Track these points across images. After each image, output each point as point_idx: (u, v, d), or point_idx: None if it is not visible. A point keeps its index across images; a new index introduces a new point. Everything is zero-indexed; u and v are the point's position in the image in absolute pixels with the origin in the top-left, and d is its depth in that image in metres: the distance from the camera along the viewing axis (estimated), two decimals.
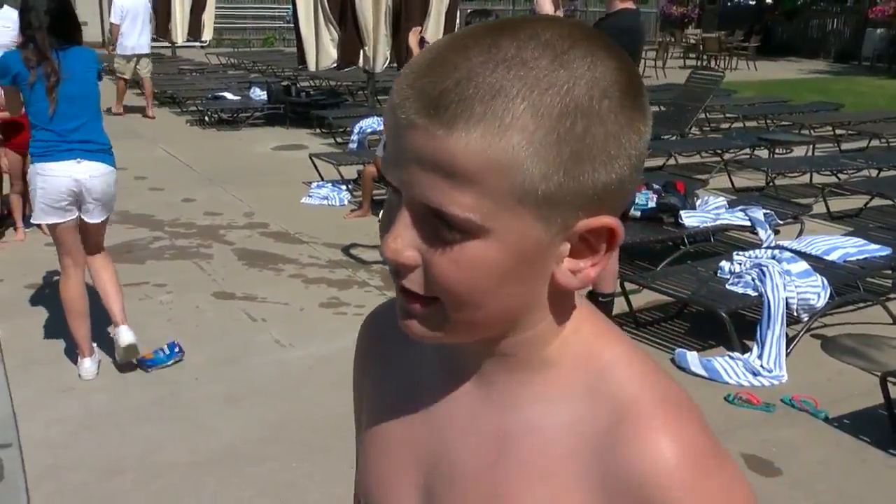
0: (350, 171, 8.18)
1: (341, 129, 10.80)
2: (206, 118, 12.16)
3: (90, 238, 4.09)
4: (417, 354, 0.84)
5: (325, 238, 6.57)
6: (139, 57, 12.52)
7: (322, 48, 10.98)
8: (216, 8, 21.08)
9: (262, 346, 4.55)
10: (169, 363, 4.23)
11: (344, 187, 7.97)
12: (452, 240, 0.65)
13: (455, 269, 0.66)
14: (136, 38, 12.33)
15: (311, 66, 11.28)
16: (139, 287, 5.37)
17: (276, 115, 12.12)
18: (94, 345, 4.16)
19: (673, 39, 23.95)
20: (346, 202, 7.74)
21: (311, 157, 8.30)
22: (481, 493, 0.74)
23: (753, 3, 28.66)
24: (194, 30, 20.45)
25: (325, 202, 7.72)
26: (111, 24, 11.92)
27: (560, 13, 4.37)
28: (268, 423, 3.73)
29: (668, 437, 0.66)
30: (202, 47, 21.15)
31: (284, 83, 13.40)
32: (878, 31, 23.68)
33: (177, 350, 4.28)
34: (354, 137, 9.58)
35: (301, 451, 3.50)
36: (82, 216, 3.99)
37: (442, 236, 0.65)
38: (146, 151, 9.88)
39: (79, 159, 3.86)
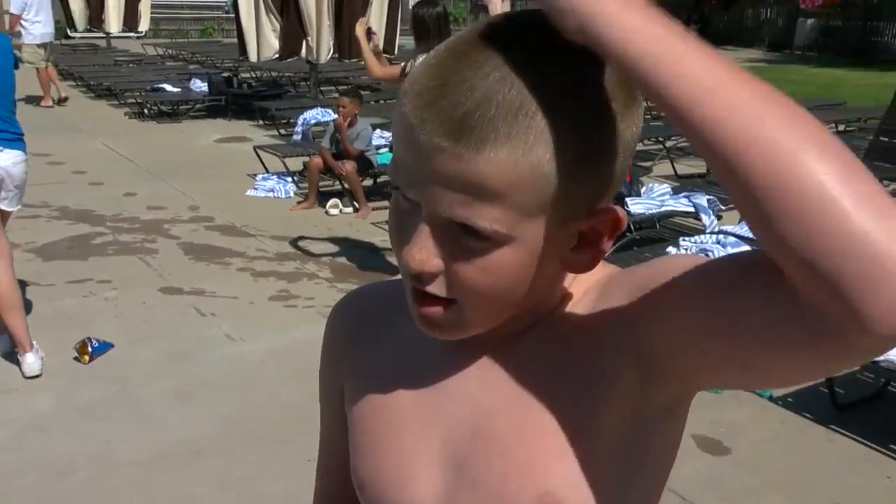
0: (296, 163, 8.11)
1: (284, 121, 10.71)
2: (146, 111, 11.93)
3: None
4: (408, 330, 0.83)
5: (273, 231, 6.51)
6: (47, 45, 12.18)
7: (263, 39, 10.83)
8: None
9: (212, 340, 4.50)
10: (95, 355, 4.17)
11: (290, 179, 7.91)
12: (478, 249, 0.67)
13: (482, 275, 0.68)
14: (42, 26, 12.00)
15: (253, 57, 11.13)
16: (83, 284, 5.26)
17: (217, 107, 11.94)
18: (35, 342, 4.05)
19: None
20: (292, 194, 7.68)
21: (255, 150, 8.21)
22: (513, 429, 0.75)
23: None
24: (130, 20, 20.02)
25: (270, 194, 7.65)
26: (10, 13, 11.50)
27: (507, 4, 4.38)
28: (222, 418, 3.70)
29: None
30: (138, 38, 20.71)
31: (225, 74, 13.23)
32: (809, 21, 24.33)
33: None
34: (299, 129, 9.51)
35: (257, 445, 3.47)
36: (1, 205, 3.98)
37: (467, 245, 0.67)
38: (84, 145, 9.67)
39: (1, 148, 3.86)
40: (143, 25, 20.10)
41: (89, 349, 4.15)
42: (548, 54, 0.64)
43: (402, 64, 4.83)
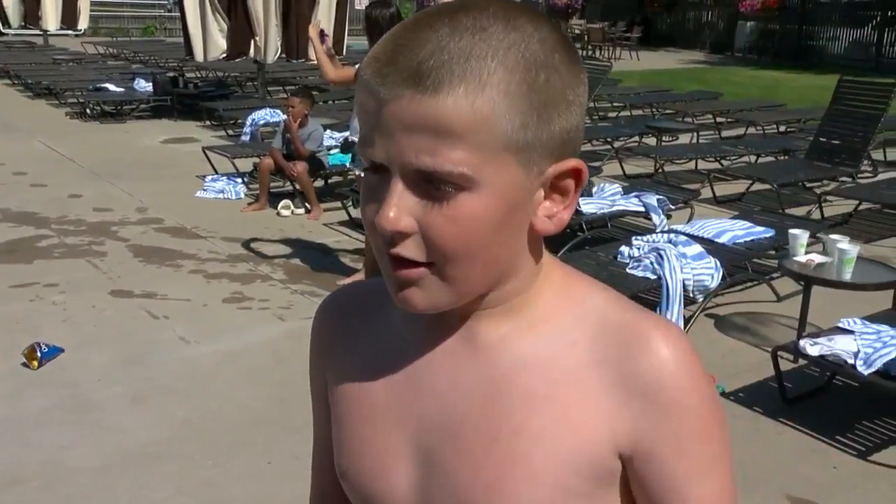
0: (245, 164, 8.03)
1: (232, 122, 10.59)
2: (88, 110, 11.68)
3: None
4: (385, 325, 0.86)
5: (224, 232, 6.44)
6: None
7: (210, 38, 10.71)
8: None
9: (166, 343, 4.44)
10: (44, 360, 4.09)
11: (240, 180, 7.82)
12: (446, 198, 0.69)
13: (453, 226, 0.70)
14: None
15: (199, 57, 10.99)
16: (29, 288, 5.14)
17: (162, 108, 11.75)
18: None
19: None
20: (242, 195, 7.60)
21: (204, 150, 8.11)
22: (486, 432, 0.77)
23: None
24: (69, 17, 19.57)
25: (220, 196, 7.56)
26: None
27: None
28: (179, 422, 3.65)
29: (667, 344, 0.75)
30: (76, 36, 20.28)
31: (170, 74, 13.02)
32: (749, 24, 24.86)
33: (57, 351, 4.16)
34: (247, 129, 9.42)
35: (216, 448, 3.44)
36: None
37: (435, 196, 0.70)
38: (23, 145, 9.43)
39: None
40: (83, 23, 19.68)
41: (38, 354, 4.06)
42: (490, 17, 0.70)
43: (357, 66, 4.82)
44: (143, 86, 12.41)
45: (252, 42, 10.52)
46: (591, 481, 0.76)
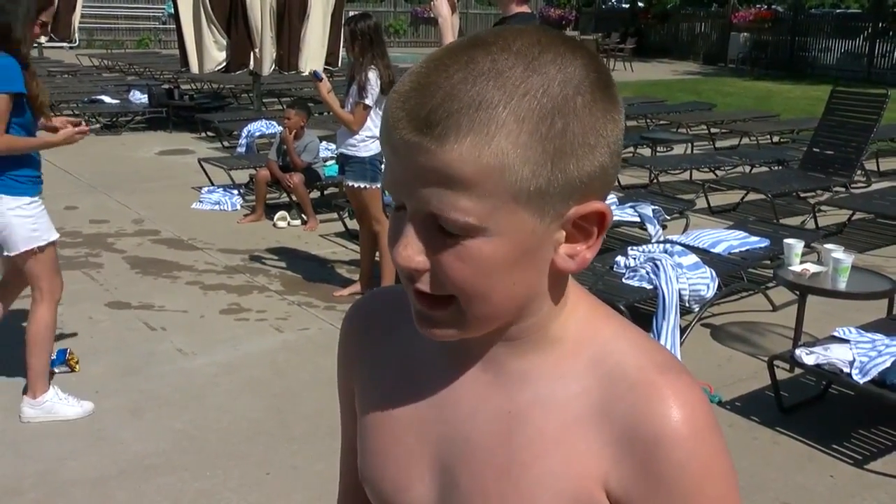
0: (241, 176, 8.04)
1: (227, 133, 10.60)
2: (84, 123, 11.66)
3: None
4: (411, 339, 0.87)
5: (220, 244, 6.44)
6: None
7: (206, 50, 10.72)
8: (84, 7, 20.25)
9: (163, 355, 4.44)
10: (55, 369, 4.08)
11: (236, 192, 7.84)
12: (455, 242, 0.70)
13: (461, 266, 0.71)
14: None
15: (195, 69, 11.00)
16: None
17: (158, 119, 11.77)
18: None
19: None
20: (238, 207, 7.61)
21: (200, 162, 8.12)
22: (498, 465, 0.79)
23: (627, 6, 29.73)
24: (63, 29, 19.58)
25: (216, 207, 7.57)
26: None
27: (456, 16, 4.44)
28: (176, 433, 3.65)
29: (674, 405, 0.73)
30: (71, 48, 20.29)
31: (166, 86, 13.04)
32: (742, 35, 25.01)
33: (65, 357, 4.15)
34: (243, 141, 9.44)
35: (213, 459, 3.44)
36: None
37: (445, 240, 0.71)
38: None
39: None
40: (75, 35, 19.69)
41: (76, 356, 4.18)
42: (511, 58, 0.69)
43: (367, 101, 4.81)
44: (139, 98, 12.43)
45: (252, 54, 10.56)
46: None
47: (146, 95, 12.14)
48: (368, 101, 4.77)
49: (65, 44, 19.54)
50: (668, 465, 0.73)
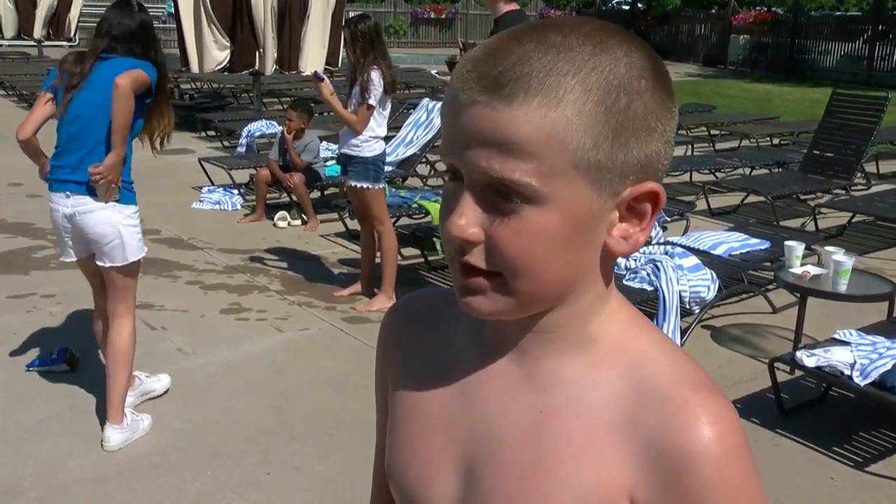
0: (241, 176, 8.04)
1: (228, 133, 10.60)
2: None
3: (107, 286, 3.53)
4: (448, 336, 0.88)
5: (221, 243, 6.44)
6: None
7: (206, 50, 10.74)
8: (84, 6, 20.28)
9: (164, 354, 4.43)
10: (55, 367, 4.08)
11: (236, 192, 7.83)
12: (512, 210, 0.70)
13: (516, 239, 0.71)
14: None
15: (195, 68, 11.02)
16: (26, 299, 5.14)
17: None
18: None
19: None
20: (238, 206, 7.60)
21: (200, 162, 8.11)
22: (523, 465, 0.78)
23: (627, 7, 29.74)
24: (62, 28, 19.58)
25: (216, 207, 7.56)
26: None
27: None
28: (177, 432, 3.64)
29: (706, 422, 0.72)
30: (70, 46, 20.27)
31: None
32: (742, 37, 25.03)
33: (66, 356, 4.14)
34: (243, 141, 9.44)
35: (214, 459, 3.43)
36: (96, 258, 3.46)
37: (502, 209, 0.71)
38: (18, 156, 9.33)
39: (68, 192, 3.34)
40: (74, 34, 19.69)
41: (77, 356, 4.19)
42: (581, 37, 0.71)
43: (370, 101, 4.81)
44: None
45: (256, 54, 10.57)
46: None
47: None
48: (371, 102, 4.77)
49: (64, 42, 19.55)
50: (697, 483, 0.71)
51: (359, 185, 4.93)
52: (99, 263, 3.45)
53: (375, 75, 4.77)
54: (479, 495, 0.81)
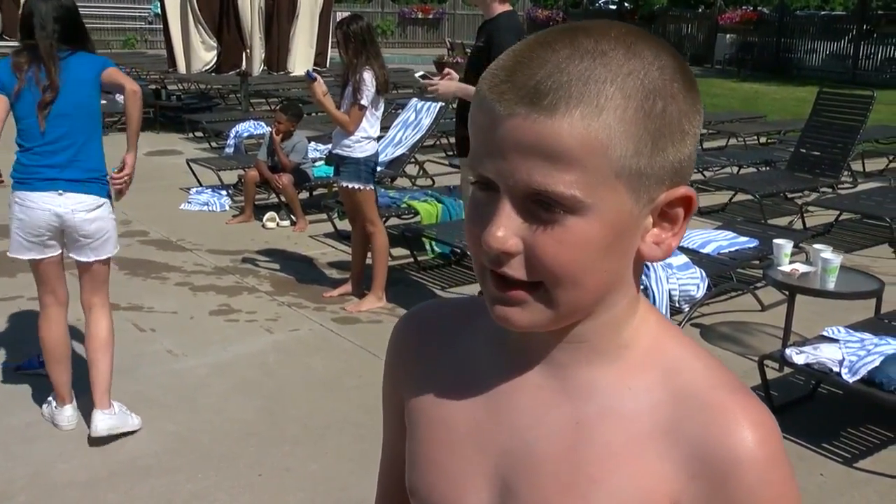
0: (230, 177, 8.02)
1: (215, 134, 10.57)
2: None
3: (84, 282, 3.57)
4: (469, 347, 0.85)
5: (209, 245, 6.42)
6: None
7: (193, 51, 10.71)
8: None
9: (153, 356, 4.42)
10: (42, 370, 4.04)
11: (224, 193, 7.81)
12: (554, 220, 0.69)
13: (560, 249, 0.70)
14: None
15: (182, 69, 10.99)
16: (13, 301, 5.11)
17: (145, 120, 11.60)
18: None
19: None
20: (227, 208, 7.58)
21: (188, 163, 8.09)
22: (563, 477, 0.76)
23: (614, 7, 29.83)
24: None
25: (205, 208, 7.54)
26: None
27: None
28: (167, 435, 3.63)
29: (748, 427, 0.72)
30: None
31: (153, 86, 12.99)
32: (728, 36, 25.14)
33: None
34: (231, 142, 9.41)
35: (205, 461, 3.42)
36: (74, 255, 3.48)
37: (543, 218, 0.70)
38: (4, 157, 9.35)
39: (61, 191, 3.36)
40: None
41: None
42: (612, 41, 0.70)
43: (362, 101, 4.80)
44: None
45: (243, 55, 10.55)
46: None
47: None
48: (364, 102, 4.76)
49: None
50: (742, 489, 0.71)
51: (351, 186, 4.92)
52: (83, 259, 3.49)
53: (368, 75, 4.76)
54: None
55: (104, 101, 12.05)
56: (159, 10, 11.86)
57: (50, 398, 3.71)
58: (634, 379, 0.77)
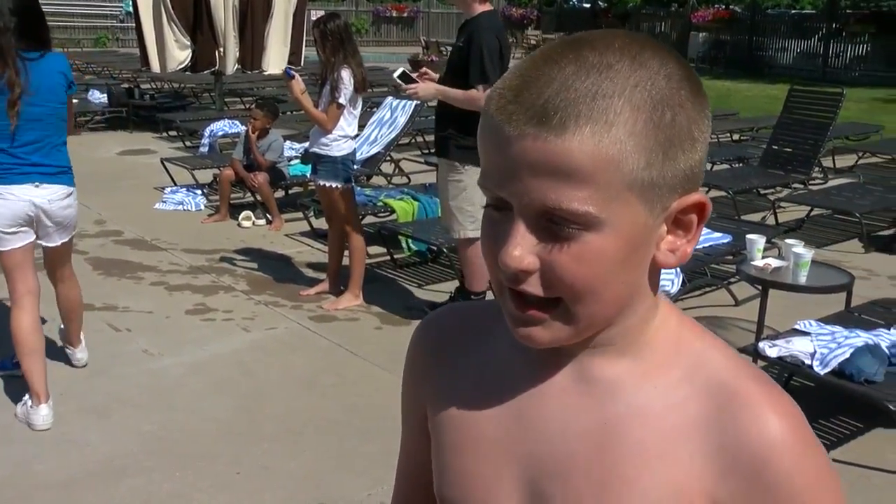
0: (205, 176, 7.98)
1: (190, 133, 10.50)
2: None
3: (54, 262, 3.86)
4: (492, 354, 0.86)
5: (185, 244, 6.39)
6: None
7: (167, 50, 10.63)
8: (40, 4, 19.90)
9: (129, 356, 4.39)
10: (17, 371, 4.00)
11: (199, 192, 7.77)
12: (570, 237, 0.69)
13: (577, 265, 0.70)
14: None
15: (156, 68, 10.90)
16: None
17: (118, 119, 11.62)
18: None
19: (514, 41, 24.68)
20: (202, 207, 7.55)
21: (163, 162, 8.04)
22: (596, 479, 0.77)
23: (588, 6, 29.97)
24: None
25: (180, 207, 7.50)
26: None
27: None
28: (144, 434, 3.62)
29: (777, 415, 0.73)
30: None
31: (125, 85, 12.89)
32: (701, 34, 25.34)
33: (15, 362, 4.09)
34: (205, 141, 9.36)
35: (182, 460, 3.41)
36: (44, 242, 3.69)
37: (559, 235, 0.70)
38: None
39: (37, 183, 3.54)
40: None
41: None
42: (616, 53, 0.70)
43: (340, 100, 4.80)
44: (98, 97, 12.26)
45: (216, 53, 10.48)
46: None
47: (105, 95, 11.98)
48: (342, 101, 4.76)
49: None
50: (778, 476, 0.72)
51: (328, 185, 4.92)
52: (51, 244, 3.74)
53: (346, 74, 4.76)
54: None
55: (75, 101, 11.89)
56: (131, 9, 11.76)
57: (25, 398, 3.69)
58: (660, 377, 0.77)
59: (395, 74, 4.49)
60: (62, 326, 4.18)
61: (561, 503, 0.78)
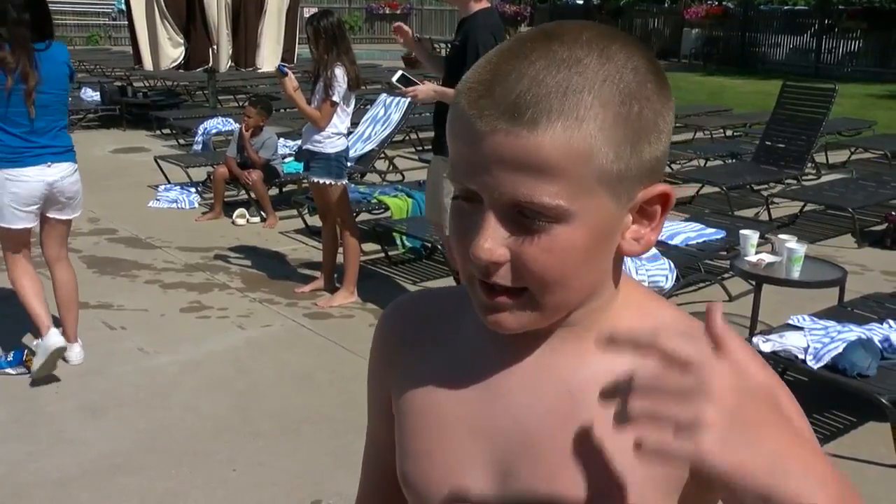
0: (199, 174, 7.97)
1: (183, 131, 10.49)
2: None
3: (51, 238, 4.13)
4: (458, 336, 0.87)
5: (179, 242, 6.39)
6: None
7: (160, 48, 10.59)
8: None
9: (124, 354, 4.39)
10: (9, 370, 4.03)
11: (193, 190, 7.76)
12: (540, 229, 0.71)
13: (546, 257, 0.72)
14: None
15: (149, 66, 10.86)
16: None
17: (111, 117, 11.60)
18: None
19: (509, 37, 24.68)
20: (196, 205, 7.54)
21: (156, 160, 8.03)
22: (560, 449, 0.78)
23: (581, 2, 29.98)
24: None
25: (174, 205, 7.50)
26: None
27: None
28: (140, 432, 3.62)
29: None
30: None
31: (118, 83, 12.85)
32: (694, 31, 25.36)
33: (23, 358, 4.09)
34: (199, 139, 9.35)
35: (178, 458, 3.42)
36: (54, 215, 4.03)
37: (529, 227, 0.71)
38: None
39: (49, 163, 3.89)
40: None
41: (31, 355, 4.10)
42: (585, 46, 0.71)
43: (333, 97, 4.80)
44: (91, 95, 12.24)
45: (210, 51, 10.45)
46: (666, 494, 0.77)
47: (98, 93, 11.95)
48: (335, 98, 4.76)
49: None
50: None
51: (321, 182, 4.92)
52: (63, 217, 4.08)
53: (339, 71, 4.76)
54: (518, 486, 0.80)
55: (70, 98, 11.88)
56: (123, 7, 11.72)
57: (35, 342, 4.08)
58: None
59: (394, 78, 4.46)
60: (59, 328, 4.15)
61: (529, 473, 0.79)
